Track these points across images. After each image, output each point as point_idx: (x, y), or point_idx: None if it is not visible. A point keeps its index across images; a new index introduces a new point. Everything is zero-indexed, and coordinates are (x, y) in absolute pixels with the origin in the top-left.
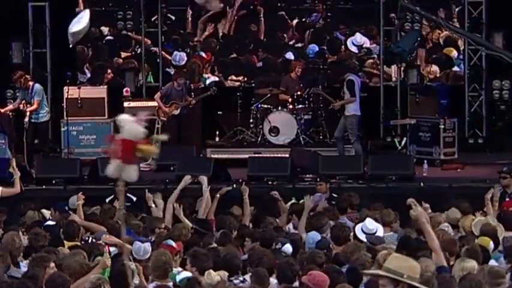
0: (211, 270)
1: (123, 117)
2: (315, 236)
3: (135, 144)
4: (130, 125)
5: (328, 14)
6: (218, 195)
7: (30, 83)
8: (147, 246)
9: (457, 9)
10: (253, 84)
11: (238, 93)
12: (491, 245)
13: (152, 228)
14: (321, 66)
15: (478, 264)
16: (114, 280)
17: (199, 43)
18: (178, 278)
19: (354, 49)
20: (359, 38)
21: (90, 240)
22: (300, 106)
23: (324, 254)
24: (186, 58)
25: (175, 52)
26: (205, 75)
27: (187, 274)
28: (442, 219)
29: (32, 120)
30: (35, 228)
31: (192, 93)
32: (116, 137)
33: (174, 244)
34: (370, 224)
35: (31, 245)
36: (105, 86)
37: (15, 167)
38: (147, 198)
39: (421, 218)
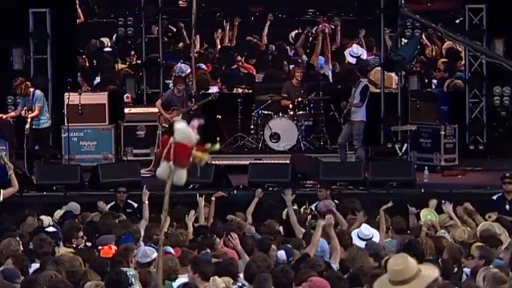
0: (216, 277)
1: (178, 122)
2: (322, 243)
3: (189, 149)
4: (184, 129)
5: (331, 26)
6: (213, 199)
7: (31, 90)
8: (148, 250)
9: (457, 21)
10: (253, 91)
11: (239, 99)
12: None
13: (150, 235)
14: (323, 73)
15: None
16: (110, 286)
17: (199, 55)
18: (175, 285)
19: (352, 60)
20: (356, 49)
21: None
22: (301, 112)
23: (323, 262)
24: (189, 70)
25: (178, 64)
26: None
27: (183, 280)
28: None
29: (33, 127)
30: (40, 234)
31: (193, 99)
32: (171, 139)
33: (172, 250)
34: (366, 229)
35: (35, 250)
36: (106, 92)
37: (5, 159)
38: (143, 194)
39: None
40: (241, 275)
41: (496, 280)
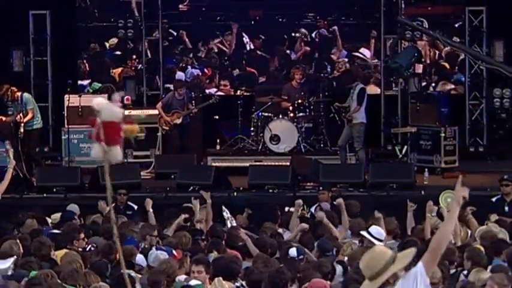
0: (220, 278)
1: (99, 101)
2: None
3: (118, 125)
4: (108, 107)
5: (330, 29)
6: (209, 201)
7: (18, 94)
8: (159, 254)
9: (456, 25)
10: (254, 93)
11: (239, 101)
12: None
13: (143, 235)
14: (322, 75)
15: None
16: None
17: (201, 59)
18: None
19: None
20: (364, 52)
21: (89, 249)
22: (301, 114)
23: (330, 263)
24: (199, 74)
25: (189, 69)
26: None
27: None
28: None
29: (27, 129)
30: (40, 237)
31: (193, 102)
32: (98, 119)
33: (174, 252)
34: (378, 229)
35: (34, 253)
36: (106, 94)
37: (11, 155)
38: (146, 203)
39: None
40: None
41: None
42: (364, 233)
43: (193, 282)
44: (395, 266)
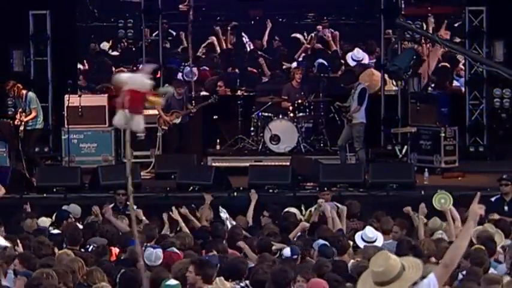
0: (222, 278)
1: (126, 74)
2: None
3: (143, 94)
4: (135, 77)
5: (331, 29)
6: (207, 202)
7: (23, 92)
8: (159, 252)
9: (456, 25)
10: (254, 93)
11: (239, 101)
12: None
13: (150, 236)
14: (322, 75)
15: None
16: (125, 285)
17: (200, 58)
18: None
19: (353, 64)
20: (358, 53)
21: (91, 249)
22: (301, 114)
23: (330, 263)
24: (197, 73)
25: (187, 68)
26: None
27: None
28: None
29: (27, 128)
30: (40, 237)
31: (193, 102)
32: (124, 87)
33: (178, 252)
34: (370, 232)
35: (34, 253)
36: (106, 94)
37: None
38: (137, 214)
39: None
40: None
41: (488, 281)
42: (358, 239)
43: (172, 282)
44: (410, 275)
